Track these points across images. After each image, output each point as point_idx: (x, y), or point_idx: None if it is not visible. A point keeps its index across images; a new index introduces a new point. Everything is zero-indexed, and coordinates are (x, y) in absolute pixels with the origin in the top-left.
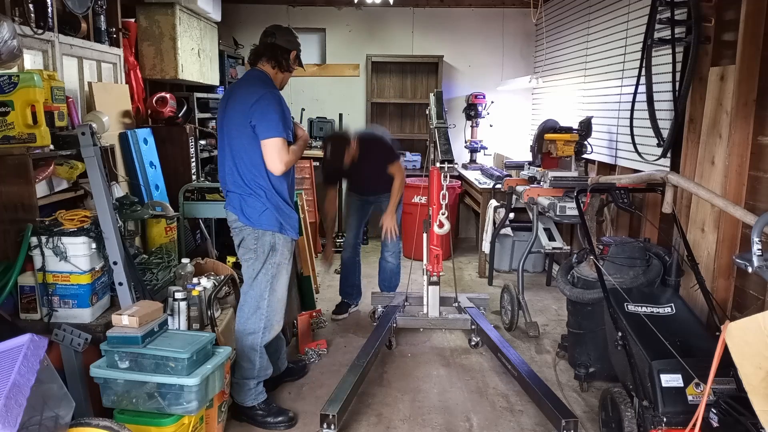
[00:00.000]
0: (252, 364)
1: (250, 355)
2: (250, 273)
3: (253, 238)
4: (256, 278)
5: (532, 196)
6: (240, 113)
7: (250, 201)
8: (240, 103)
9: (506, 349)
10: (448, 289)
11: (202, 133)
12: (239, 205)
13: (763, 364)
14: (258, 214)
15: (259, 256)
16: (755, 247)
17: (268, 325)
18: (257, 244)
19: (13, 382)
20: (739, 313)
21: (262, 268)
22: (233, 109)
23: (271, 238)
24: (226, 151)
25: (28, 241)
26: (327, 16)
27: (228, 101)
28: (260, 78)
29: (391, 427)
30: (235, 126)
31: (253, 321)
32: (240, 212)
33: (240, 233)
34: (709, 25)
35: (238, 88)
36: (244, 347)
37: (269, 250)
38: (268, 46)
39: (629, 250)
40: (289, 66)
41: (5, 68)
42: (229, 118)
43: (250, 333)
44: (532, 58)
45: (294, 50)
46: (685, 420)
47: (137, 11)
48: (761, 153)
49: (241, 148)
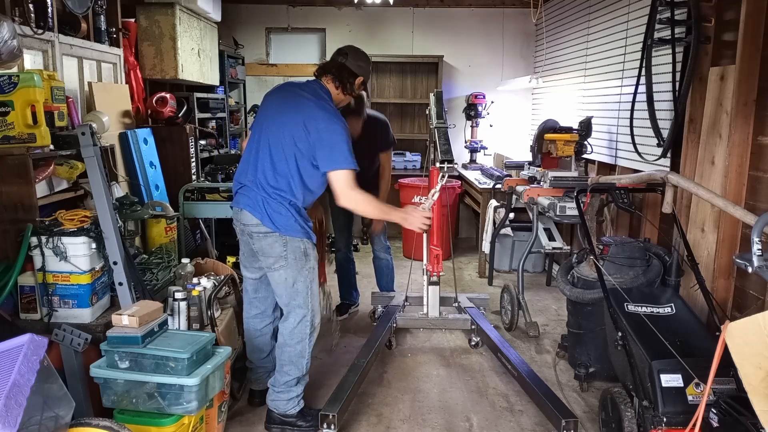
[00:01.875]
0: (300, 369)
1: (298, 362)
2: (287, 281)
3: (281, 244)
4: (295, 286)
5: (532, 196)
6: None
7: (275, 206)
8: (303, 114)
9: (506, 349)
10: (448, 289)
11: (202, 133)
12: (263, 208)
13: (763, 364)
14: (286, 220)
15: (291, 263)
16: (755, 247)
17: (313, 329)
18: (286, 250)
19: (13, 382)
20: (739, 313)
21: (299, 275)
22: (289, 114)
23: (300, 243)
24: (263, 150)
25: (28, 241)
26: (327, 16)
27: (284, 102)
28: (324, 93)
29: (391, 427)
30: (290, 136)
31: (299, 330)
32: (266, 217)
33: (264, 239)
34: (709, 25)
35: (300, 94)
36: (292, 356)
37: (302, 255)
38: (337, 65)
39: (629, 250)
40: (352, 90)
41: (5, 68)
42: (282, 123)
43: (298, 342)
44: (532, 58)
45: (362, 77)
46: (685, 420)
47: (137, 11)
48: (761, 153)
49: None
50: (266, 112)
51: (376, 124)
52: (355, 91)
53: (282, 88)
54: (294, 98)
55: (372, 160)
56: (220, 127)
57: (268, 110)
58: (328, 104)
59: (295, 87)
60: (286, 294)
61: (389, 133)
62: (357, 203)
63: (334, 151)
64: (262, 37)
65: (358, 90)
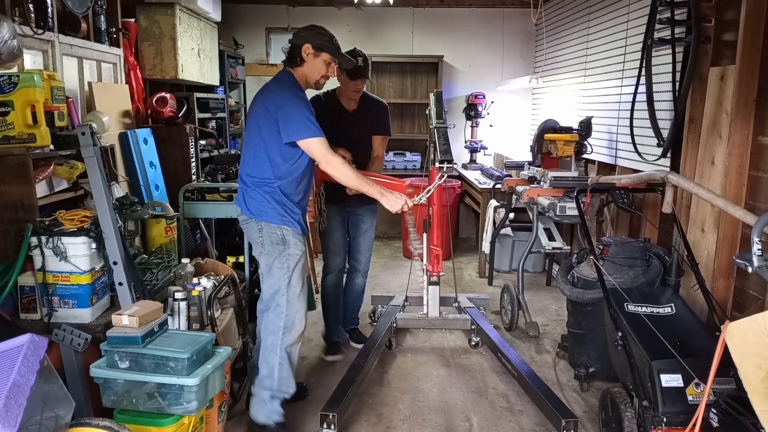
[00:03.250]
0: (270, 371)
1: (269, 359)
2: (263, 268)
3: (257, 230)
4: (271, 271)
5: (532, 196)
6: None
7: (251, 193)
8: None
9: (506, 349)
10: (448, 289)
11: (202, 133)
12: (241, 197)
13: (763, 364)
14: (260, 205)
15: (267, 249)
16: (755, 247)
17: (288, 324)
18: (262, 236)
19: (13, 382)
20: (739, 313)
21: (275, 260)
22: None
23: (278, 230)
24: (244, 146)
25: (28, 241)
26: (327, 16)
27: (255, 101)
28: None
29: (391, 427)
30: (254, 121)
31: (271, 318)
32: (243, 205)
33: (246, 228)
34: (709, 25)
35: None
36: (265, 350)
37: (280, 242)
38: (289, 48)
39: (629, 250)
40: (300, 59)
41: (5, 68)
42: (250, 114)
43: (270, 333)
44: (532, 58)
45: (305, 44)
46: (685, 420)
47: (137, 11)
48: (761, 153)
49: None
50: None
51: (377, 106)
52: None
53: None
54: (261, 92)
55: (366, 143)
56: (220, 127)
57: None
58: (285, 82)
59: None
60: (264, 281)
61: (388, 119)
62: (336, 167)
63: (295, 118)
64: (262, 37)
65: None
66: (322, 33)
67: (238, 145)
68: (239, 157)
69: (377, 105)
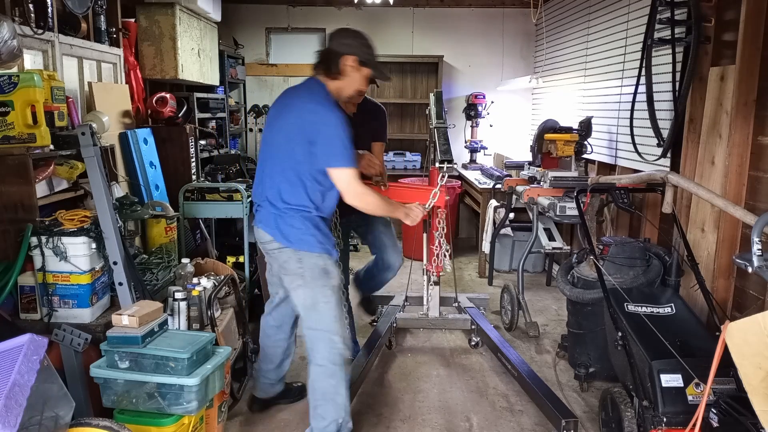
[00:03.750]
0: (337, 410)
1: (334, 400)
2: (306, 302)
3: (295, 260)
4: (316, 308)
5: (532, 196)
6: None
7: (287, 218)
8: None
9: (506, 349)
10: (448, 289)
11: (202, 133)
12: (273, 223)
13: (763, 364)
14: (300, 233)
15: (309, 281)
16: (755, 247)
17: (346, 359)
18: (303, 267)
19: (13, 382)
20: (739, 313)
21: (320, 294)
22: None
23: (318, 260)
24: (269, 164)
25: (28, 241)
26: (327, 16)
27: (282, 108)
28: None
29: (391, 427)
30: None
31: (329, 360)
32: (276, 231)
33: (278, 256)
34: (709, 25)
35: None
36: (326, 394)
37: (323, 273)
38: (323, 52)
39: (629, 250)
40: (339, 72)
41: (5, 68)
42: (280, 129)
43: (329, 375)
44: (532, 58)
45: (350, 55)
46: (685, 420)
47: (137, 11)
48: (761, 153)
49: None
50: (268, 123)
51: (377, 111)
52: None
53: (282, 95)
54: (290, 101)
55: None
56: (220, 127)
57: (270, 120)
58: (321, 98)
59: (292, 90)
60: (307, 318)
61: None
62: (363, 198)
63: (334, 144)
64: (262, 37)
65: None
66: (368, 44)
67: (238, 146)
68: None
69: (377, 110)
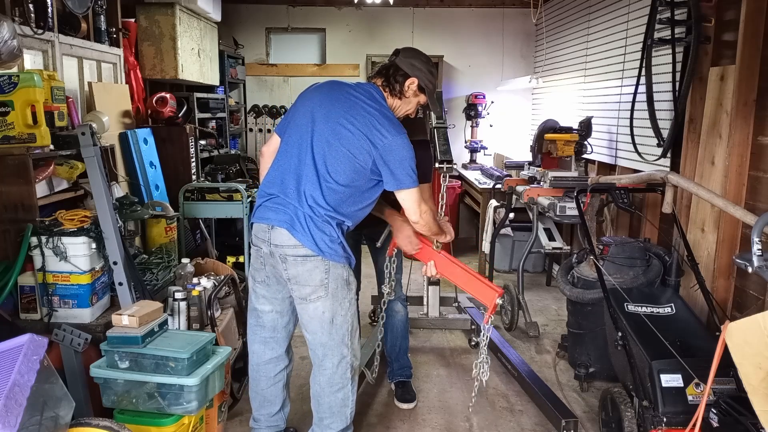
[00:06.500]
0: (344, 421)
1: (340, 413)
2: (324, 316)
3: (323, 270)
4: (334, 322)
5: (532, 196)
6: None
7: (322, 225)
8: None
9: (506, 349)
10: (448, 289)
11: (202, 133)
12: (305, 227)
13: (763, 364)
14: (332, 242)
15: (331, 294)
16: (755, 247)
17: (355, 371)
18: (328, 278)
19: (13, 382)
20: (739, 313)
21: (339, 308)
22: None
23: (343, 270)
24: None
25: (28, 241)
26: (327, 16)
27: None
28: (381, 98)
29: (391, 427)
30: (347, 146)
31: (339, 374)
32: (309, 237)
33: (302, 264)
34: (709, 25)
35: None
36: (333, 407)
37: (346, 284)
38: (387, 64)
39: (629, 250)
40: (401, 93)
41: (5, 68)
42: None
43: (338, 389)
44: (532, 58)
45: (414, 78)
46: (685, 420)
47: (137, 11)
48: (761, 153)
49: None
50: (312, 114)
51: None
52: (406, 96)
53: (330, 88)
54: (349, 102)
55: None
56: (220, 127)
57: (315, 112)
58: (390, 113)
59: (347, 87)
60: (321, 331)
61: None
62: (426, 218)
63: (402, 168)
64: (262, 37)
65: (412, 95)
66: (433, 72)
67: (239, 145)
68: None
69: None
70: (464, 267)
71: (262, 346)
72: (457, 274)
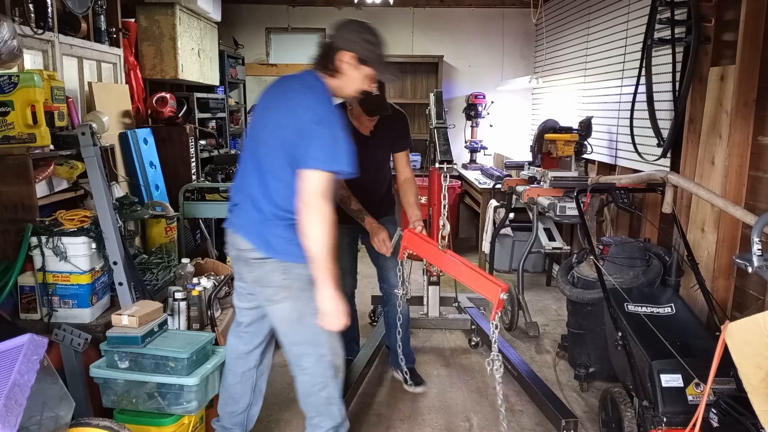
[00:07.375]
0: (333, 418)
1: (327, 411)
2: (291, 316)
3: (281, 272)
4: (303, 321)
5: (532, 196)
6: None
7: (272, 227)
8: (290, 109)
9: (506, 349)
10: (448, 289)
11: (202, 133)
12: (257, 230)
13: (763, 364)
14: (286, 244)
15: (294, 293)
16: (755, 247)
17: (337, 368)
18: (289, 279)
19: (13, 382)
20: (739, 313)
21: (306, 307)
22: (276, 113)
23: (303, 270)
24: (254, 161)
25: (28, 241)
26: (327, 16)
27: (272, 100)
28: (315, 82)
29: (391, 427)
30: (277, 137)
31: (319, 373)
32: (260, 240)
33: (258, 267)
34: (709, 25)
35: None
36: (319, 407)
37: (308, 284)
38: (322, 45)
39: (629, 250)
40: (333, 69)
41: (5, 68)
42: (269, 125)
43: (321, 389)
44: (532, 58)
45: (347, 51)
46: (685, 420)
47: (137, 11)
48: (761, 153)
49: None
50: (255, 116)
51: (395, 119)
52: (342, 72)
53: (273, 85)
54: (282, 94)
55: (383, 165)
56: (220, 127)
57: (258, 112)
58: (318, 93)
59: (285, 81)
60: (292, 332)
61: (408, 129)
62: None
63: (317, 145)
64: (262, 37)
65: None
66: (371, 40)
67: (238, 145)
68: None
69: (395, 119)
70: (470, 265)
71: (236, 339)
72: (462, 272)
